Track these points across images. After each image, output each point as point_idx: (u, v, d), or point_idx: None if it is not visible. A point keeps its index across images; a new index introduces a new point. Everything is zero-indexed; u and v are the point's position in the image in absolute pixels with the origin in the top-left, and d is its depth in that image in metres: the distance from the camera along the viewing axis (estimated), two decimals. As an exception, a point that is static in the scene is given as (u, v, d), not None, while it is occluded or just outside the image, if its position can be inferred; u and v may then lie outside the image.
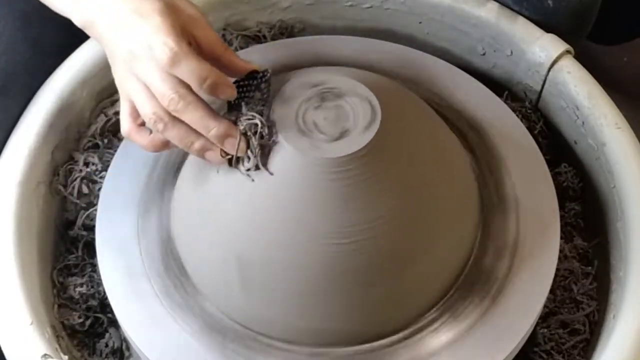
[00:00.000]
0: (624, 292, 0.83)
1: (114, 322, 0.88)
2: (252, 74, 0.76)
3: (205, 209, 0.78)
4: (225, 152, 0.74)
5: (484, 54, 1.01)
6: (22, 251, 0.84)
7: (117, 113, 0.96)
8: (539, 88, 0.98)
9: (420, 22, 1.02)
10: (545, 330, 0.88)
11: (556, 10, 0.96)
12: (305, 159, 0.73)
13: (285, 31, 1.04)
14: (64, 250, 0.93)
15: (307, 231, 0.74)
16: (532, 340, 0.87)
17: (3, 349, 0.79)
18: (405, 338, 0.78)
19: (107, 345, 0.88)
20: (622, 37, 1.31)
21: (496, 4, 0.98)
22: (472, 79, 0.95)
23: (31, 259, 0.86)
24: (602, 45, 1.31)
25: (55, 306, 0.88)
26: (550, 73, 0.95)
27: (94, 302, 0.88)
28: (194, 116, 0.72)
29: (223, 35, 1.02)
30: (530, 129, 0.94)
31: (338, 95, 0.75)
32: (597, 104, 0.92)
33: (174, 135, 0.73)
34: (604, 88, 0.94)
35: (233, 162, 0.74)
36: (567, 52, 0.95)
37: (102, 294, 0.87)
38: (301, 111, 0.75)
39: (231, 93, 0.73)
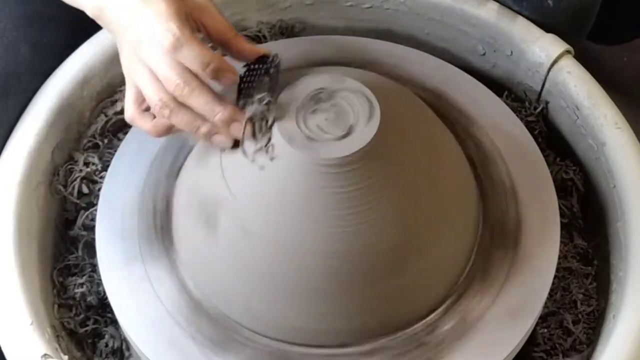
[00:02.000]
0: (624, 292, 0.83)
1: (114, 322, 0.88)
2: (261, 59, 0.77)
3: (207, 211, 0.78)
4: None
5: (484, 54, 1.01)
6: (22, 251, 0.84)
7: (117, 113, 0.96)
8: (539, 88, 0.98)
9: (420, 22, 1.02)
10: (545, 330, 0.88)
11: (556, 10, 0.96)
12: (306, 159, 0.73)
13: (285, 31, 1.04)
14: (64, 250, 0.93)
15: (309, 230, 0.74)
16: (531, 341, 0.87)
17: (3, 349, 0.79)
18: (402, 340, 0.78)
19: (107, 345, 0.88)
20: (622, 37, 1.31)
21: (496, 4, 0.98)
22: (472, 79, 0.95)
23: (31, 259, 0.86)
24: (602, 45, 1.31)
25: (55, 306, 0.88)
26: (550, 73, 0.95)
27: (94, 302, 0.88)
28: (200, 101, 0.73)
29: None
30: (530, 129, 0.94)
31: (338, 95, 0.75)
32: (597, 104, 0.92)
33: (180, 120, 0.74)
34: (604, 88, 0.94)
35: (240, 145, 0.75)
36: (567, 52, 0.95)
37: (102, 294, 0.87)
38: (301, 112, 0.75)
39: (233, 78, 0.74)
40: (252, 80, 0.77)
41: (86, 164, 0.93)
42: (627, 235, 0.86)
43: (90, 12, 0.78)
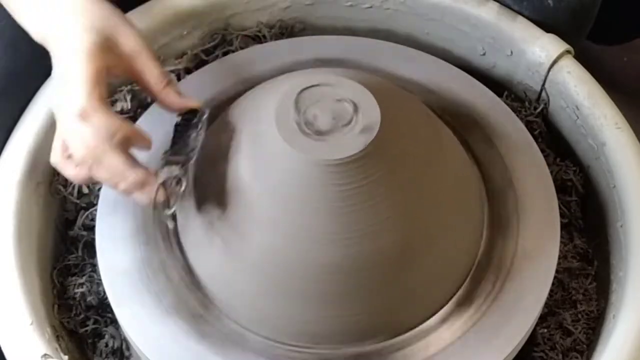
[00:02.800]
0: (624, 292, 0.83)
1: (114, 322, 0.88)
2: (192, 111, 0.78)
3: (209, 211, 0.78)
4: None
5: (484, 54, 1.01)
6: (22, 251, 0.84)
7: (117, 113, 0.96)
8: (539, 88, 0.98)
9: (420, 22, 1.02)
10: (545, 330, 0.88)
11: (556, 10, 0.96)
12: (305, 161, 0.73)
13: (285, 31, 1.04)
14: (64, 250, 0.93)
15: (309, 232, 0.74)
16: (531, 341, 0.87)
17: (3, 349, 0.79)
18: (406, 340, 0.78)
19: (107, 345, 0.88)
20: (622, 37, 1.31)
21: (496, 4, 0.98)
22: (472, 78, 0.95)
23: (31, 259, 0.86)
24: (602, 45, 1.31)
25: (55, 306, 0.88)
26: (550, 73, 0.95)
27: (93, 302, 0.88)
28: (111, 164, 0.73)
29: (223, 36, 1.02)
30: (530, 129, 0.94)
31: (337, 96, 0.75)
32: (597, 104, 0.92)
33: (100, 176, 0.75)
34: (604, 88, 0.94)
35: (155, 206, 0.75)
36: (567, 52, 0.95)
37: (102, 294, 0.87)
38: (300, 113, 0.74)
39: (146, 144, 0.76)
40: (182, 131, 0.77)
41: (86, 164, 0.93)
42: (627, 235, 0.86)
43: (34, 37, 0.79)
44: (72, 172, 0.78)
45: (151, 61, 0.78)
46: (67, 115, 0.73)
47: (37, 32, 0.79)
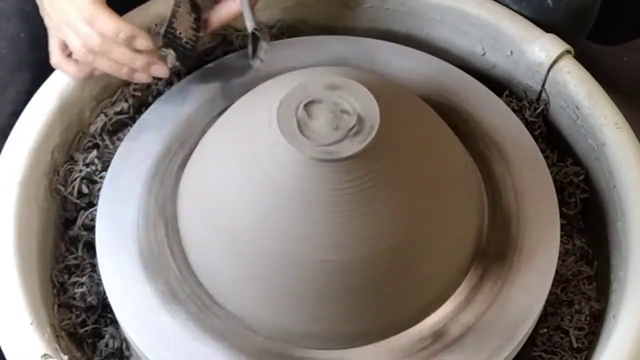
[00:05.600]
0: (624, 292, 0.83)
1: (114, 322, 0.88)
2: None
3: (209, 210, 0.78)
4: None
5: (484, 54, 1.01)
6: (22, 251, 0.84)
7: (117, 113, 0.96)
8: (539, 88, 0.98)
9: (420, 22, 1.02)
10: (545, 330, 0.88)
11: (556, 10, 0.96)
12: (304, 160, 0.73)
13: (286, 31, 1.04)
14: (64, 250, 0.92)
15: (310, 231, 0.74)
16: (531, 341, 0.87)
17: (3, 349, 0.79)
18: (405, 340, 0.78)
19: (107, 345, 0.88)
20: (622, 37, 1.31)
21: (496, 4, 0.99)
22: (472, 79, 0.95)
23: (31, 259, 0.86)
24: (602, 45, 1.31)
25: (55, 306, 0.88)
26: (550, 73, 0.95)
27: (94, 302, 0.88)
28: (118, 54, 0.82)
29: (223, 36, 1.02)
30: (531, 129, 0.94)
31: (337, 95, 0.75)
32: (597, 104, 0.92)
33: (103, 64, 0.83)
34: (604, 88, 0.94)
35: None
36: (567, 52, 0.95)
37: (102, 294, 0.87)
38: (301, 112, 0.74)
39: (146, 44, 0.83)
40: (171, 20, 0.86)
41: (86, 164, 0.93)
42: (627, 235, 0.86)
43: None
44: (74, 68, 0.86)
45: None
46: (73, 19, 0.80)
47: None
